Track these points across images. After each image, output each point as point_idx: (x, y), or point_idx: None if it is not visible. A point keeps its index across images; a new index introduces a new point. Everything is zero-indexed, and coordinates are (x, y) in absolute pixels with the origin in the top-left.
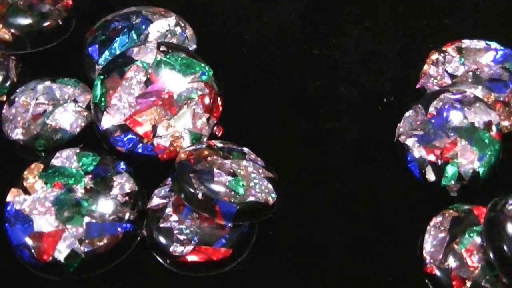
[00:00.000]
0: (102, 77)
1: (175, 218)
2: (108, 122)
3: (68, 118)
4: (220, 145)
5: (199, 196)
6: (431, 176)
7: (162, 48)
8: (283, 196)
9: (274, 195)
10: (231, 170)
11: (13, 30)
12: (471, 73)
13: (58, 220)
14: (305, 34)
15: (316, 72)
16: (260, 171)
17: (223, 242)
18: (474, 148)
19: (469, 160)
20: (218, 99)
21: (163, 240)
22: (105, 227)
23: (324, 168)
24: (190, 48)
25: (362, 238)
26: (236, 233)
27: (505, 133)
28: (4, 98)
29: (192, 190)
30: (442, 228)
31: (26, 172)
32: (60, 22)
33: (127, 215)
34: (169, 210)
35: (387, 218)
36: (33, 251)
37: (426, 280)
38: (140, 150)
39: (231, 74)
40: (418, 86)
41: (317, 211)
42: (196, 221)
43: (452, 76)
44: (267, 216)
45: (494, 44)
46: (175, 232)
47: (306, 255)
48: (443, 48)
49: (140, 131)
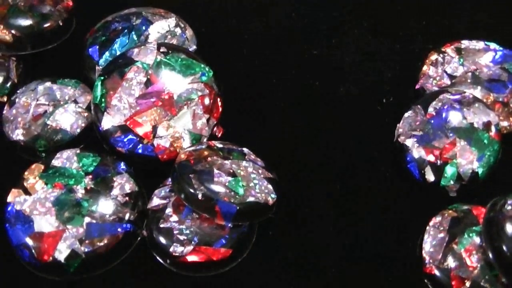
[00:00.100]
0: (103, 77)
1: (175, 218)
2: (108, 122)
3: (68, 119)
4: (220, 145)
5: (199, 196)
6: (430, 176)
7: (162, 49)
8: (283, 196)
9: (274, 195)
10: (231, 171)
11: (13, 31)
12: (470, 73)
13: (58, 220)
14: (305, 34)
15: (316, 72)
16: (260, 171)
17: (223, 242)
18: (473, 149)
19: (468, 160)
20: (218, 99)
21: (163, 240)
22: (105, 227)
23: (324, 168)
24: (190, 49)
25: (362, 238)
26: (236, 233)
27: (504, 133)
28: (5, 99)
29: (192, 190)
30: (442, 228)
31: (26, 173)
32: (61, 23)
33: (127, 216)
34: (169, 211)
35: (387, 218)
36: (33, 251)
37: (426, 280)
38: (140, 151)
39: (231, 74)
40: (418, 86)
41: (317, 211)
42: (196, 221)
43: (451, 76)
44: (267, 216)
45: (493, 45)
46: (175, 232)
47: (306, 255)
48: (442, 49)
49: (140, 131)
